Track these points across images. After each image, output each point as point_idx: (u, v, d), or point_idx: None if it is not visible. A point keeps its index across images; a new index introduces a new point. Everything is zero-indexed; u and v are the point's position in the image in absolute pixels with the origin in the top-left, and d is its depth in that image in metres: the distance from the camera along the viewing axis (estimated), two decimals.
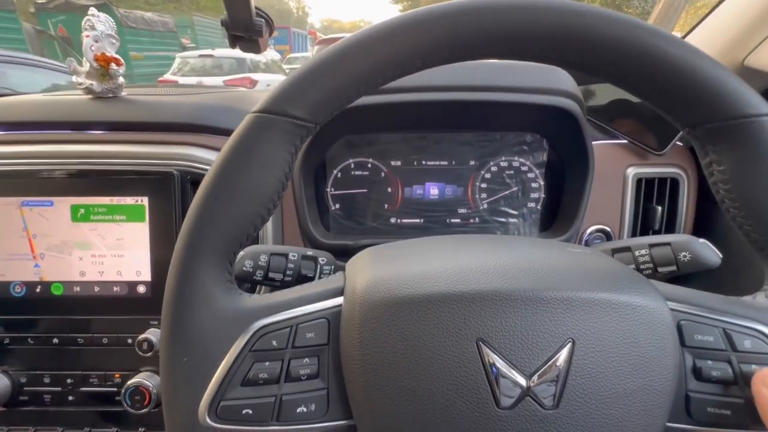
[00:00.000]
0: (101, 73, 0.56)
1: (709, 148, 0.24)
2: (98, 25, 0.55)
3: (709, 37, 0.56)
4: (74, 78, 0.57)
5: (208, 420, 0.23)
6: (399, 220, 0.66)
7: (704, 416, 0.24)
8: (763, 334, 0.24)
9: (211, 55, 7.25)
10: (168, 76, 7.01)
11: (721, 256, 0.39)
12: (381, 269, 0.25)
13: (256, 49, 0.65)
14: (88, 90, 0.56)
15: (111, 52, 0.56)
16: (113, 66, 0.55)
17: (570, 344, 0.22)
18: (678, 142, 0.61)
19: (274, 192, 0.24)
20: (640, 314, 0.23)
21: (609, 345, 0.22)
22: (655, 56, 0.22)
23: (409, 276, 0.24)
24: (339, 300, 0.25)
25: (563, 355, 0.22)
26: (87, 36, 0.55)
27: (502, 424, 0.22)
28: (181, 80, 6.77)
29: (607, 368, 0.22)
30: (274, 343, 0.24)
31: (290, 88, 0.23)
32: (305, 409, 0.24)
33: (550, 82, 0.57)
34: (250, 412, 0.23)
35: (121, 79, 0.57)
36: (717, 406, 0.24)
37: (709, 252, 0.39)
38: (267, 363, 0.24)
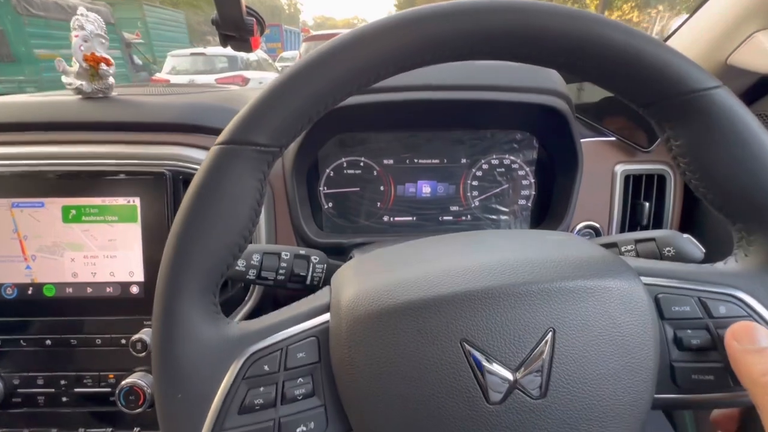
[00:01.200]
0: (91, 73, 0.55)
1: (664, 124, 0.26)
2: (87, 24, 0.55)
3: (693, 38, 0.57)
4: (63, 78, 0.56)
5: None
6: (392, 219, 0.66)
7: (689, 384, 0.25)
8: (736, 298, 0.25)
9: (203, 53, 7.30)
10: (160, 75, 7.07)
11: (704, 250, 0.40)
12: (363, 282, 0.26)
13: (248, 48, 0.65)
14: (78, 90, 0.56)
15: (101, 52, 0.55)
16: (103, 66, 0.55)
17: (551, 333, 0.23)
18: None
19: (248, 220, 0.25)
20: (616, 295, 0.24)
21: (589, 329, 0.23)
22: (601, 44, 0.23)
23: (390, 285, 0.25)
24: (326, 317, 0.26)
25: (545, 344, 0.22)
26: (76, 36, 0.54)
27: (494, 419, 0.22)
28: (173, 79, 6.74)
29: (590, 352, 0.23)
30: (266, 367, 0.24)
31: (251, 116, 0.24)
32: (305, 428, 0.24)
33: (539, 81, 0.58)
34: None
35: (111, 79, 0.57)
36: (700, 372, 0.25)
37: (692, 246, 0.40)
38: (261, 388, 0.24)
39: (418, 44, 0.23)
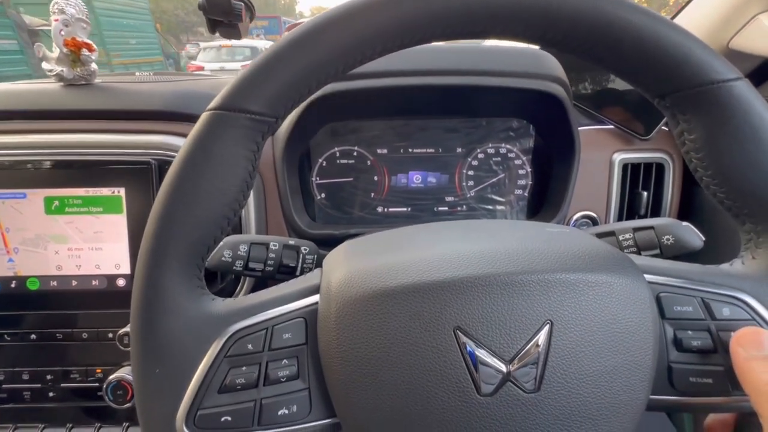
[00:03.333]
0: (72, 59, 0.53)
1: (679, 117, 0.24)
2: (68, 8, 0.52)
3: (695, 20, 0.56)
4: (43, 64, 0.54)
5: (186, 430, 0.23)
6: (386, 209, 0.65)
7: (687, 386, 0.24)
8: (741, 300, 0.24)
9: (229, 45, 8.51)
10: (195, 63, 8.41)
11: (703, 238, 0.39)
12: (356, 264, 0.25)
13: (237, 35, 0.63)
14: (59, 77, 0.54)
15: (82, 37, 0.53)
16: (85, 51, 0.53)
17: (548, 326, 0.22)
18: (663, 128, 0.61)
19: (239, 192, 0.24)
20: (617, 291, 0.23)
21: (588, 324, 0.22)
22: (618, 26, 0.21)
23: (384, 268, 0.24)
24: (315, 298, 0.25)
25: (542, 337, 0.22)
26: (56, 20, 0.52)
27: (484, 411, 0.21)
28: (207, 66, 7.92)
29: (587, 347, 0.22)
30: (250, 347, 0.23)
31: (246, 83, 0.22)
32: (287, 411, 0.23)
33: (536, 66, 0.57)
34: (230, 419, 0.23)
35: (93, 66, 0.55)
36: (699, 375, 0.24)
37: (691, 235, 0.39)
38: (244, 368, 0.23)
39: (426, 17, 0.22)
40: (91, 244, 0.51)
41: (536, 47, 0.60)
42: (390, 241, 0.28)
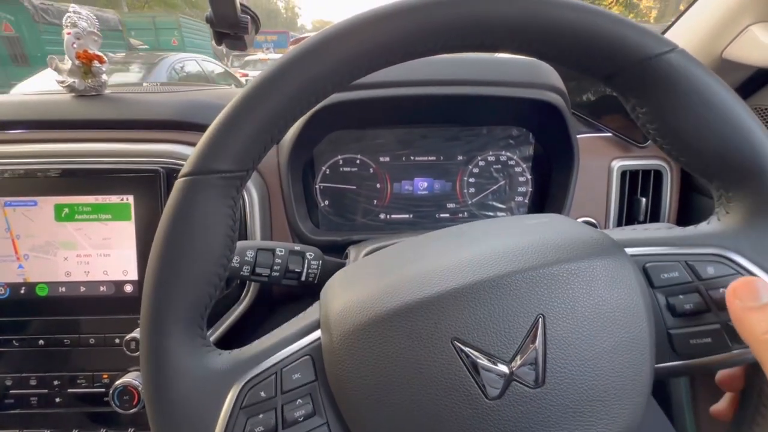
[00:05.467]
0: (83, 71, 0.55)
1: (627, 94, 0.25)
2: (80, 22, 0.54)
3: (689, 31, 0.57)
4: (56, 76, 0.56)
5: None
6: (388, 216, 0.66)
7: (688, 349, 0.24)
8: (723, 257, 0.24)
9: (267, 60, 9.99)
10: (242, 71, 8.77)
11: None
12: (350, 294, 0.25)
13: (242, 47, 0.65)
14: (70, 88, 0.56)
15: (93, 50, 0.55)
16: (96, 63, 0.55)
17: (541, 320, 0.22)
18: None
19: (225, 248, 0.24)
20: (602, 272, 0.23)
21: (579, 310, 0.23)
22: (552, 24, 0.23)
23: (375, 294, 0.24)
24: (317, 333, 0.25)
25: (537, 332, 0.22)
26: (68, 33, 0.54)
27: (495, 414, 0.22)
28: (251, 73, 8.28)
29: (583, 333, 0.22)
30: (263, 394, 0.24)
31: (210, 144, 0.23)
32: None
33: (535, 76, 0.58)
34: None
35: (104, 77, 0.57)
36: (697, 336, 0.24)
37: None
38: (261, 415, 0.23)
39: (363, 54, 0.23)
40: (100, 251, 0.52)
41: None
42: (378, 264, 0.28)
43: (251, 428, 0.23)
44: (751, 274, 0.24)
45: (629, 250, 0.25)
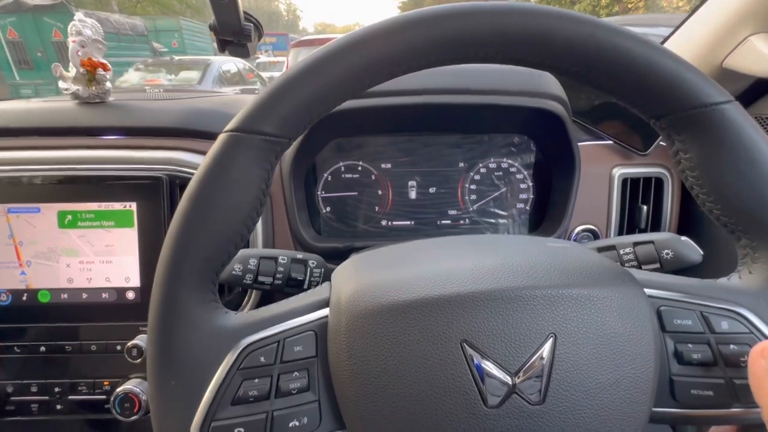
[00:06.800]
0: (88, 78, 0.55)
1: (674, 137, 0.25)
2: (85, 30, 0.55)
3: (689, 40, 0.57)
4: (60, 83, 0.56)
5: None
6: (390, 223, 0.66)
7: (688, 398, 0.24)
8: (739, 314, 0.25)
9: (277, 62, 10.91)
10: (265, 75, 9.48)
11: (702, 253, 0.40)
12: (365, 278, 0.26)
13: (245, 53, 0.65)
14: (75, 95, 0.56)
15: (98, 58, 0.55)
16: (100, 71, 0.55)
17: (552, 339, 0.22)
18: (661, 143, 0.62)
19: (252, 209, 0.25)
20: (618, 305, 0.23)
21: (591, 337, 0.23)
22: (615, 53, 0.23)
23: (392, 283, 0.24)
24: (325, 311, 0.25)
25: (546, 350, 0.22)
26: (73, 41, 0.54)
27: (491, 423, 0.22)
28: (265, 75, 8.64)
29: (590, 360, 0.23)
30: (262, 359, 0.24)
31: (261, 105, 0.24)
32: (297, 423, 0.24)
33: (536, 85, 0.58)
34: (242, 430, 0.23)
35: (108, 84, 0.57)
36: (700, 387, 0.24)
37: (690, 249, 0.40)
38: (256, 380, 0.24)
39: (435, 41, 0.23)
40: (102, 258, 0.52)
41: None
42: (397, 256, 0.28)
43: (245, 390, 0.23)
44: (765, 335, 0.24)
45: (647, 291, 0.25)
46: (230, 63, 5.63)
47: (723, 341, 0.24)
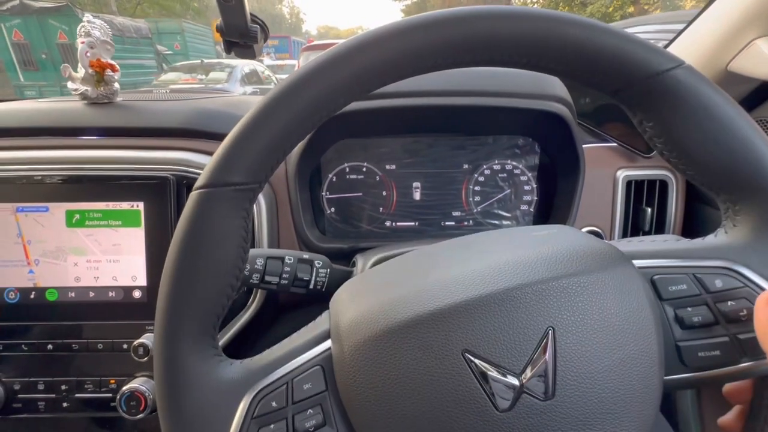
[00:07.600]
0: (96, 79, 0.56)
1: (635, 108, 0.26)
2: (94, 31, 0.55)
3: (694, 43, 0.58)
4: (69, 84, 0.57)
5: None
6: (394, 224, 0.66)
7: (697, 362, 0.24)
8: (730, 270, 0.25)
9: (284, 65, 11.28)
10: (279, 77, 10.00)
11: None
12: (360, 305, 0.26)
13: (251, 55, 0.66)
14: (83, 96, 0.57)
15: (106, 59, 0.56)
16: (108, 72, 0.56)
17: (551, 332, 0.22)
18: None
19: (237, 258, 0.25)
20: (611, 285, 0.23)
21: (589, 323, 0.23)
22: (562, 42, 0.23)
23: (387, 304, 0.25)
24: (328, 344, 0.25)
25: (547, 344, 0.22)
26: (82, 42, 0.55)
27: (506, 426, 0.22)
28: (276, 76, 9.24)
29: (593, 346, 0.23)
30: (274, 404, 0.24)
31: (225, 157, 0.24)
32: None
33: (541, 87, 0.59)
34: None
35: (116, 85, 0.58)
36: (706, 349, 0.24)
37: None
38: (272, 426, 0.24)
39: (379, 66, 0.24)
40: (109, 257, 0.52)
41: None
42: (388, 275, 0.28)
43: None
44: (759, 287, 0.24)
45: (637, 263, 0.25)
46: (249, 65, 6.51)
47: (720, 299, 0.24)
